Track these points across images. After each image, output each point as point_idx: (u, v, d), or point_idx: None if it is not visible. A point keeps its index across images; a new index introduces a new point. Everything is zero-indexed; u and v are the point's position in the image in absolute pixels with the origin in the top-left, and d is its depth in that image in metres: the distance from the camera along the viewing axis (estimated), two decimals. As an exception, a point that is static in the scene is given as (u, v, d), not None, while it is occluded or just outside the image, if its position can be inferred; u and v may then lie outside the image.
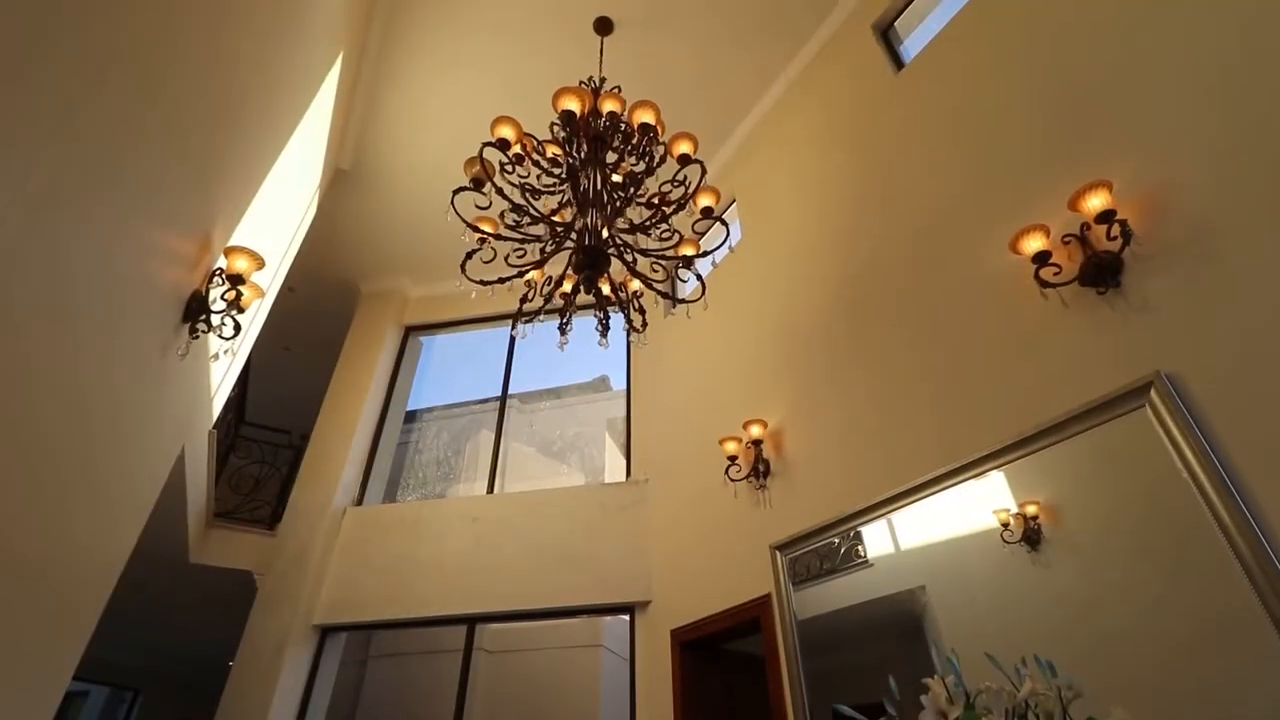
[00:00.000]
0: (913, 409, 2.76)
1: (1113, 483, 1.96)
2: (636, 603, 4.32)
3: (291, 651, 4.46)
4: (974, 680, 1.84)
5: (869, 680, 2.46)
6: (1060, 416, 2.10)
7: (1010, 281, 2.44)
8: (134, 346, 2.28)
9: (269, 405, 6.95)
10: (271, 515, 5.35)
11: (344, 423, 5.60)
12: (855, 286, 3.34)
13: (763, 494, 3.46)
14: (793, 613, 3.00)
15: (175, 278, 2.51)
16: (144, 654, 7.84)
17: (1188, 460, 1.75)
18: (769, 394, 3.73)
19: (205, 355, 3.07)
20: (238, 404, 5.38)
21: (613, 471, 7.18)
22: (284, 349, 7.17)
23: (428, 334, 6.73)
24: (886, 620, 2.61)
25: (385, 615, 4.69)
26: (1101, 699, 1.73)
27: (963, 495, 2.40)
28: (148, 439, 2.62)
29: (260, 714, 4.21)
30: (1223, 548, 1.64)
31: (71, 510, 2.08)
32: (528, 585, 4.53)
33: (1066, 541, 2.03)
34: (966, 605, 2.30)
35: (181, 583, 5.15)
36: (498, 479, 5.51)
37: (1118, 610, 1.84)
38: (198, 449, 3.74)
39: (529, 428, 7.95)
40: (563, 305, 2.62)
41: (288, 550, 4.93)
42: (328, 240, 5.93)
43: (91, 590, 2.42)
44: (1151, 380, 1.88)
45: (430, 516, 5.11)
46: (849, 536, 2.85)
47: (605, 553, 4.53)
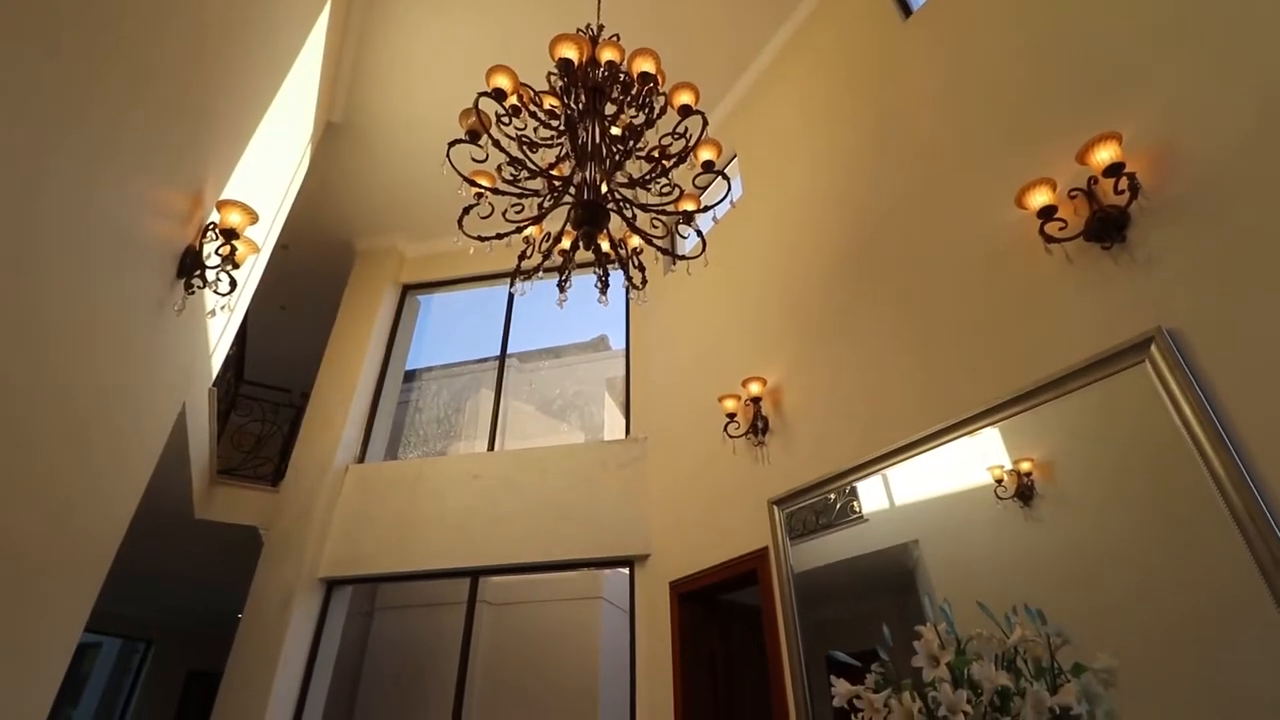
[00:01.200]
0: (912, 366, 2.76)
1: (1108, 439, 1.98)
2: (636, 556, 4.42)
3: (299, 604, 4.58)
4: (965, 629, 1.89)
5: (862, 630, 2.53)
6: (1059, 372, 2.11)
7: (1014, 237, 2.41)
8: (130, 300, 2.26)
9: (268, 364, 6.95)
10: (274, 472, 5.41)
11: (344, 381, 5.62)
12: (857, 242, 3.30)
13: (761, 451, 3.49)
14: (789, 566, 3.07)
15: (168, 232, 2.47)
16: (154, 607, 8.04)
17: (1185, 416, 1.76)
18: (768, 351, 3.73)
19: (202, 312, 3.05)
20: (236, 362, 5.38)
21: (612, 430, 7.25)
22: (280, 308, 7.13)
23: (425, 293, 6.69)
24: (880, 573, 2.67)
25: (389, 569, 4.79)
26: (1089, 646, 1.78)
27: (958, 451, 2.42)
28: (148, 394, 2.62)
29: (270, 664, 4.35)
30: (1216, 502, 1.66)
31: (76, 463, 2.10)
32: (529, 540, 4.62)
33: (1059, 497, 2.06)
34: (958, 559, 2.35)
35: (188, 538, 5.24)
36: (498, 437, 5.56)
37: (1108, 563, 1.88)
38: (198, 406, 3.75)
39: (528, 387, 7.98)
40: (562, 262, 2.58)
41: (292, 506, 5.00)
42: (321, 196, 5.83)
43: (99, 544, 2.45)
44: (1153, 336, 1.88)
45: (432, 473, 5.17)
46: (845, 492, 2.89)
47: (605, 508, 4.60)
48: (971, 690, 1.67)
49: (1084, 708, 1.66)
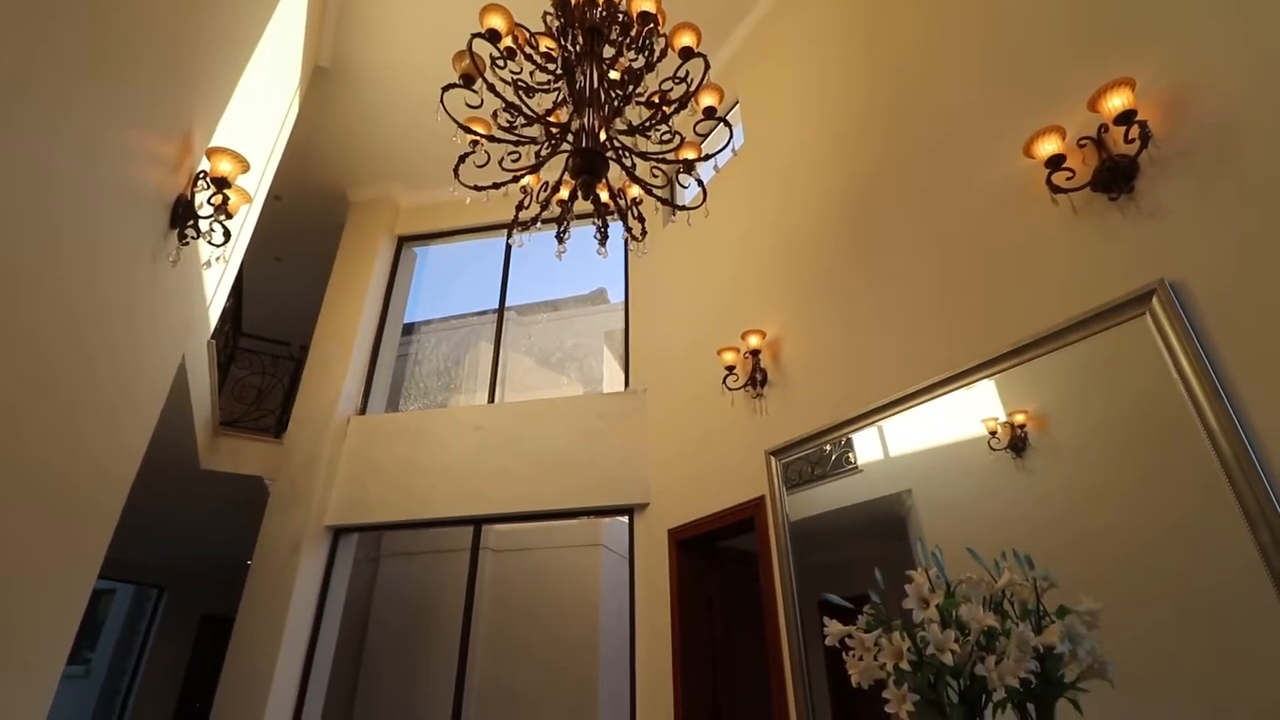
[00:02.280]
0: (910, 318, 2.76)
1: (1103, 391, 2.00)
2: (635, 505, 4.51)
3: (306, 550, 4.70)
4: (955, 574, 1.95)
5: (855, 575, 2.60)
6: (1058, 325, 2.11)
7: (1020, 187, 2.37)
8: (123, 252, 2.23)
9: (265, 317, 6.93)
10: (277, 424, 5.46)
11: (342, 334, 5.61)
12: (859, 192, 3.25)
13: (759, 403, 3.52)
14: (785, 514, 3.14)
15: (158, 181, 2.42)
16: (165, 554, 8.24)
17: (1182, 368, 1.77)
18: (768, 304, 3.72)
19: (197, 263, 3.02)
20: (234, 315, 5.36)
21: (611, 383, 7.29)
22: (275, 259, 7.06)
23: (421, 244, 6.61)
24: (873, 522, 2.74)
25: (393, 517, 4.90)
26: (1075, 589, 1.84)
27: (953, 404, 2.45)
28: (147, 346, 2.62)
29: (281, 608, 4.49)
30: (1206, 451, 1.69)
31: (78, 418, 2.11)
32: (530, 489, 4.71)
33: (1051, 449, 2.09)
34: (950, 508, 2.40)
35: (195, 488, 5.33)
36: (498, 390, 5.60)
37: (1097, 511, 1.92)
38: (198, 358, 3.76)
39: (527, 340, 7.98)
40: (560, 213, 2.54)
41: (296, 457, 5.07)
42: (312, 145, 5.69)
43: (108, 494, 2.50)
44: (1155, 288, 1.87)
45: (433, 425, 5.22)
46: (840, 444, 2.94)
47: (605, 458, 4.67)
48: (959, 630, 1.74)
49: (1066, 647, 1.73)
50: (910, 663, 1.77)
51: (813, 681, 2.78)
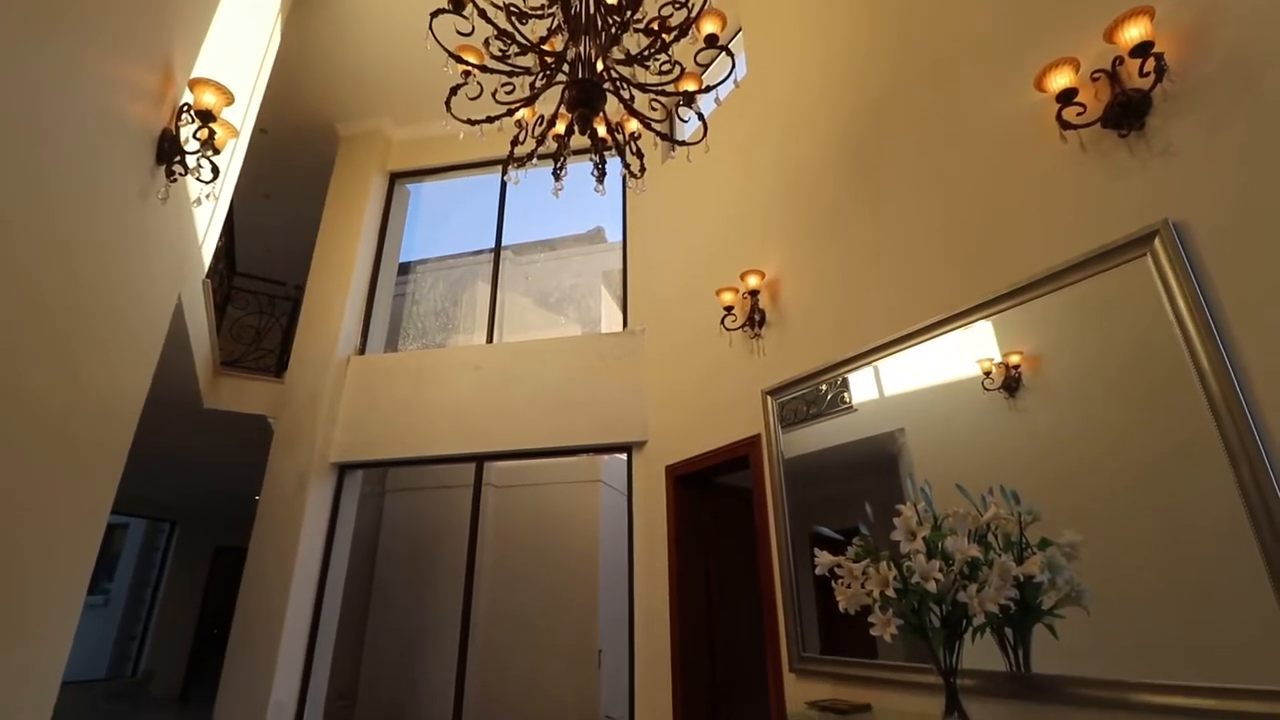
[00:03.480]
0: (910, 258, 2.74)
1: (1099, 333, 2.01)
2: (633, 442, 4.60)
3: (313, 486, 4.82)
4: (943, 509, 2.01)
5: (847, 510, 2.68)
6: (1058, 266, 2.10)
7: (1028, 123, 2.31)
8: (110, 189, 2.18)
9: (259, 256, 6.85)
10: (277, 364, 5.50)
11: (338, 273, 5.56)
12: (863, 127, 3.16)
13: (757, 343, 3.54)
14: (780, 451, 3.21)
15: (141, 114, 2.34)
16: (176, 491, 8.45)
17: (1179, 309, 1.78)
18: (768, 243, 3.68)
19: (186, 201, 2.96)
20: (227, 254, 5.29)
21: (609, 323, 7.29)
22: (265, 196, 6.91)
23: (414, 181, 6.46)
24: (866, 459, 2.80)
25: (397, 454, 5.01)
26: (1059, 523, 1.91)
27: (949, 344, 2.46)
28: (142, 286, 2.60)
29: (290, 541, 4.65)
30: (1195, 392, 1.71)
31: (78, 357, 2.12)
32: (530, 427, 4.79)
33: (1044, 389, 2.12)
34: (941, 446, 2.45)
35: (199, 427, 5.41)
36: (496, 330, 5.60)
37: (1086, 450, 1.96)
38: (194, 297, 3.74)
39: (525, 280, 7.92)
40: (556, 149, 2.48)
41: (298, 396, 5.13)
42: (297, 77, 5.47)
43: (115, 431, 2.54)
44: (1158, 229, 1.86)
45: (432, 365, 5.26)
46: (836, 384, 2.97)
47: (603, 397, 4.73)
48: (944, 561, 1.81)
49: (1046, 576, 1.81)
50: (896, 590, 1.86)
51: (802, 608, 2.92)
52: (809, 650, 2.84)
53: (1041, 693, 1.89)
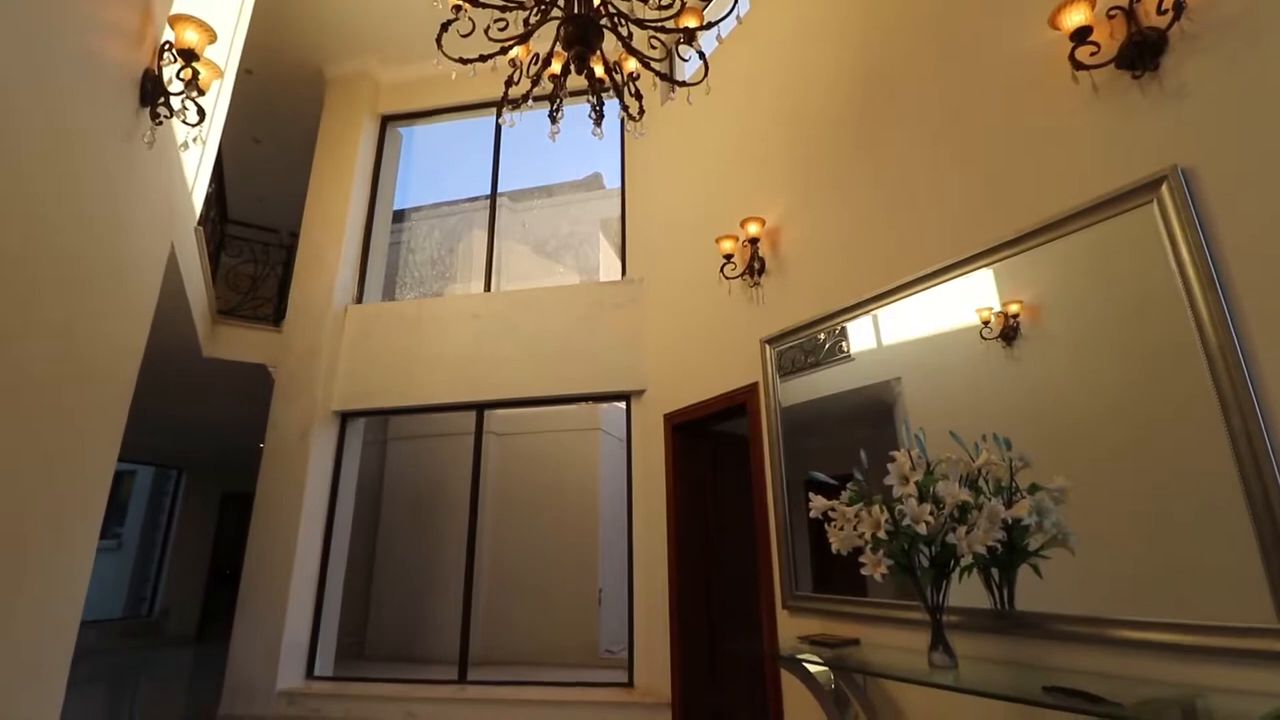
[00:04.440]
0: (913, 205, 2.70)
1: (1099, 281, 1.99)
2: (632, 391, 4.64)
3: (316, 434, 4.88)
4: (937, 456, 2.05)
5: (842, 457, 2.73)
6: (1063, 212, 2.07)
7: (1040, 64, 2.23)
8: (94, 132, 2.13)
9: (251, 203, 6.73)
10: (275, 313, 5.48)
11: (331, 221, 5.48)
12: (870, 67, 3.06)
13: (756, 291, 3.52)
14: (777, 400, 3.24)
15: (121, 54, 2.26)
16: (182, 439, 8.56)
17: (1181, 258, 1.76)
18: (768, 189, 3.61)
19: (173, 144, 2.89)
20: (218, 200, 5.19)
21: (607, 271, 7.23)
22: (254, 141, 6.73)
23: (406, 124, 6.29)
24: (862, 408, 2.83)
25: (398, 403, 5.05)
26: (1049, 469, 1.95)
27: (949, 292, 2.45)
28: (134, 232, 2.57)
29: (296, 488, 4.74)
30: (1192, 340, 1.72)
31: (74, 307, 2.11)
32: (530, 376, 4.82)
33: (1042, 338, 2.13)
34: (937, 394, 2.48)
35: (201, 376, 5.44)
36: (494, 278, 5.56)
37: (1080, 397, 1.98)
38: (186, 245, 3.70)
39: (522, 227, 7.81)
40: (552, 90, 2.40)
41: (297, 345, 5.13)
42: (281, 15, 5.25)
43: (116, 379, 2.55)
44: (1165, 175, 1.82)
45: (431, 314, 5.25)
46: (834, 333, 2.97)
47: (602, 346, 4.75)
48: (935, 505, 1.86)
49: (1034, 519, 1.86)
50: (887, 532, 1.91)
51: (796, 549, 3.01)
52: (801, 589, 2.94)
53: (1024, 628, 1.97)
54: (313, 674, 4.58)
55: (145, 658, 7.50)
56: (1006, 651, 2.01)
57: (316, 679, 4.57)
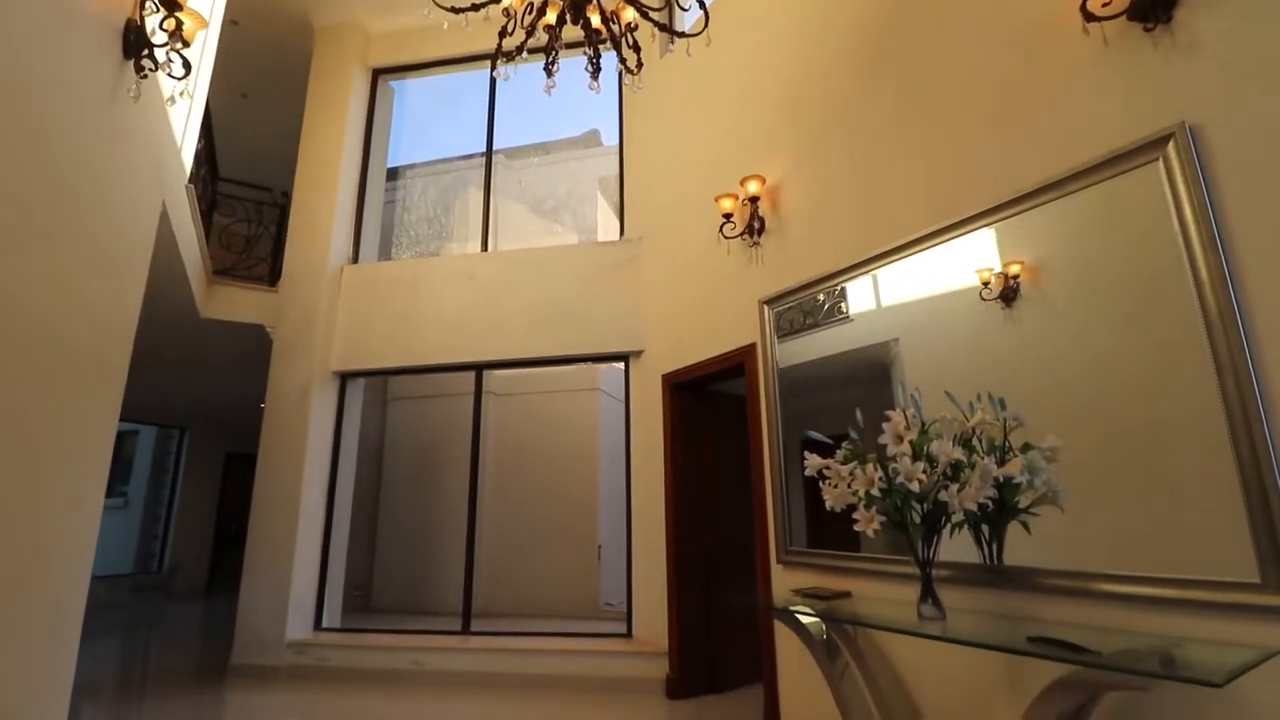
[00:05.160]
0: (917, 164, 2.66)
1: (1101, 242, 1.98)
2: (631, 352, 4.65)
3: (316, 394, 4.90)
4: (932, 415, 2.07)
5: (838, 417, 2.75)
6: (1067, 170, 2.04)
7: (1047, 17, 2.17)
8: (78, 86, 2.07)
9: (242, 161, 6.59)
10: (270, 273, 5.43)
11: (324, 178, 5.38)
12: (873, 22, 2.96)
13: (755, 251, 3.50)
14: (774, 361, 3.26)
15: (101, 3, 2.18)
16: (183, 399, 8.60)
17: (1185, 218, 1.75)
18: (770, 146, 3.55)
19: (160, 99, 2.82)
20: (208, 158, 5.09)
21: (606, 231, 7.15)
22: (242, 96, 6.56)
23: (397, 77, 6.12)
24: (859, 369, 2.84)
25: (396, 363, 5.06)
26: (1042, 429, 1.97)
27: (950, 253, 2.43)
28: (124, 191, 2.52)
29: (298, 447, 4.79)
30: (1191, 304, 1.71)
31: (70, 266, 2.10)
32: (528, 337, 4.82)
33: (1041, 299, 2.12)
34: (935, 355, 2.48)
35: (199, 336, 5.43)
36: (491, 238, 5.51)
37: (1078, 359, 1.99)
38: (178, 203, 3.64)
39: (518, 185, 7.68)
40: (547, 41, 2.33)
41: (293, 305, 5.11)
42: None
43: (114, 338, 2.55)
44: (1173, 132, 1.79)
45: (427, 274, 5.21)
46: (834, 293, 2.96)
47: (601, 307, 4.73)
48: (928, 463, 1.89)
49: (1025, 477, 1.89)
50: (880, 490, 1.95)
51: (791, 507, 3.06)
52: (795, 545, 3.01)
53: (1011, 582, 2.03)
54: (320, 626, 4.72)
55: (157, 611, 7.71)
56: (994, 604, 2.07)
57: (324, 630, 4.71)
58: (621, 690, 3.91)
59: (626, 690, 3.91)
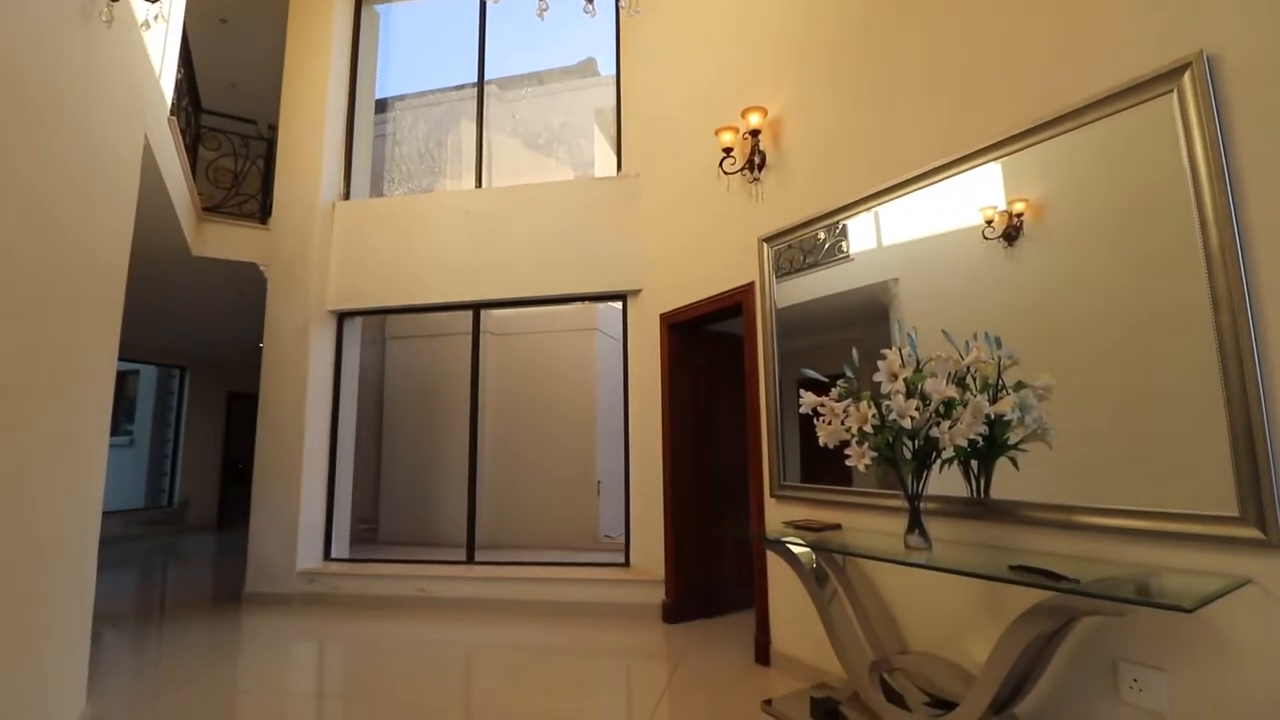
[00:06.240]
0: (926, 94, 2.57)
1: (1107, 179, 1.94)
2: (628, 291, 4.63)
3: (314, 333, 4.91)
4: (929, 355, 2.08)
5: (834, 357, 2.77)
6: (1079, 103, 1.98)
7: (1073, -70, 2.05)
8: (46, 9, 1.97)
9: (224, 92, 6.35)
10: (261, 209, 5.32)
11: (310, 110, 5.20)
12: (888, -63, 2.80)
13: (756, 187, 3.43)
14: (773, 300, 3.25)
15: (62, -85, 2.05)
16: (182, 339, 8.60)
17: (1195, 154, 1.71)
18: (771, 76, 3.42)
19: (134, 24, 2.69)
20: (189, 88, 4.89)
21: (603, 166, 6.98)
22: (221, 22, 6.24)
23: (383, 1, 5.81)
24: (858, 309, 2.83)
25: (393, 302, 5.04)
26: (1038, 367, 1.99)
27: (955, 188, 2.39)
28: (103, 122, 2.44)
29: (298, 386, 4.83)
30: (1194, 239, 1.70)
31: (54, 193, 2.05)
32: (525, 276, 4.78)
33: (1044, 238, 2.10)
34: (934, 294, 2.47)
35: (193, 275, 5.38)
36: (485, 174, 5.37)
37: (1076, 301, 1.98)
38: (161, 136, 3.53)
39: (512, 118, 7.44)
40: (540, -40, 2.21)
41: (286, 243, 5.04)
42: None
43: (108, 269, 2.53)
44: (1190, 62, 1.72)
45: (421, 210, 5.12)
46: (835, 231, 2.92)
47: (598, 245, 4.68)
48: (921, 400, 1.91)
49: (1016, 415, 1.92)
50: (873, 426, 1.98)
51: (785, 443, 3.12)
52: (789, 480, 3.09)
53: (996, 515, 2.09)
54: (330, 557, 4.89)
55: (170, 543, 7.96)
56: (979, 536, 2.15)
57: (334, 561, 4.88)
58: (620, 615, 4.10)
59: (625, 615, 4.09)
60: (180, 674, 3.22)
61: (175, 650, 3.61)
